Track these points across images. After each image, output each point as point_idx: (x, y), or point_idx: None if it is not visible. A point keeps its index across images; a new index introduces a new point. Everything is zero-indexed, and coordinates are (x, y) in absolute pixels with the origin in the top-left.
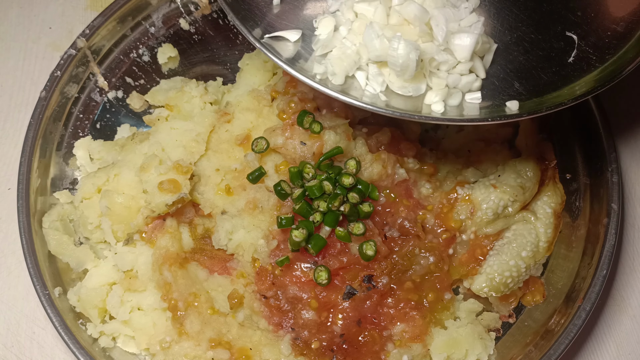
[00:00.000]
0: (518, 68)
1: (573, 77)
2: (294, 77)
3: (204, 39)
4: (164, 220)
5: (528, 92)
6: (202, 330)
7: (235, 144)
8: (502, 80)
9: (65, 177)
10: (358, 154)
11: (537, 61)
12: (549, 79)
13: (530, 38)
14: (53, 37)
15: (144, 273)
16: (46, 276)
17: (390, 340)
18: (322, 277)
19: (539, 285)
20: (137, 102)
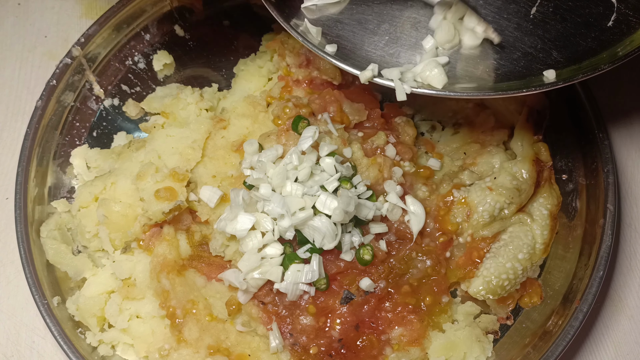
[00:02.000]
0: (556, 37)
1: (613, 41)
2: (288, 83)
3: (199, 45)
4: (161, 227)
5: (566, 60)
6: (201, 337)
7: (231, 150)
8: (540, 50)
9: (63, 185)
10: (354, 159)
11: (575, 28)
12: (587, 45)
13: (567, 6)
14: (49, 45)
15: (142, 281)
16: (45, 285)
17: (389, 345)
18: (320, 283)
19: (537, 287)
20: (133, 110)
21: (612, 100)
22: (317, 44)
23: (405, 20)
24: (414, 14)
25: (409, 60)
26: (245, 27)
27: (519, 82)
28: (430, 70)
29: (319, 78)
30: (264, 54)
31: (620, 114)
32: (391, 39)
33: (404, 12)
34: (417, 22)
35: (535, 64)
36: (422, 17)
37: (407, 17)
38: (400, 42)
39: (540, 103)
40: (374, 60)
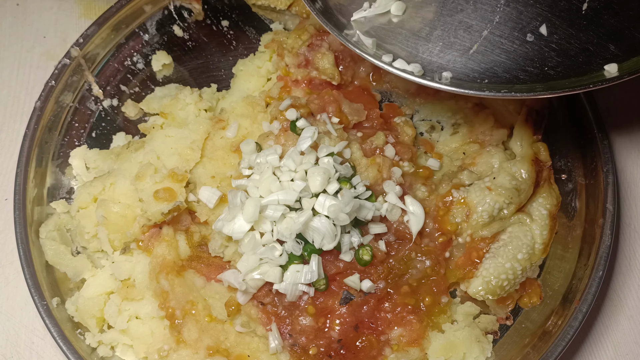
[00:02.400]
0: (610, 31)
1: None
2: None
3: (198, 46)
4: (161, 228)
5: (625, 53)
6: (200, 338)
7: (230, 150)
8: (597, 45)
9: (62, 186)
10: (353, 159)
11: (628, 21)
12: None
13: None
14: (47, 46)
15: (141, 282)
16: (44, 286)
17: (388, 345)
18: (319, 283)
19: (536, 287)
20: (132, 110)
21: (611, 100)
22: (373, 54)
23: (458, 25)
24: (465, 18)
25: (464, 65)
26: (244, 28)
27: (581, 79)
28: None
29: (318, 78)
30: (263, 54)
31: (620, 114)
32: (445, 44)
33: (455, 16)
34: (469, 26)
35: (594, 59)
36: (474, 20)
37: (459, 21)
38: (455, 47)
39: (539, 103)
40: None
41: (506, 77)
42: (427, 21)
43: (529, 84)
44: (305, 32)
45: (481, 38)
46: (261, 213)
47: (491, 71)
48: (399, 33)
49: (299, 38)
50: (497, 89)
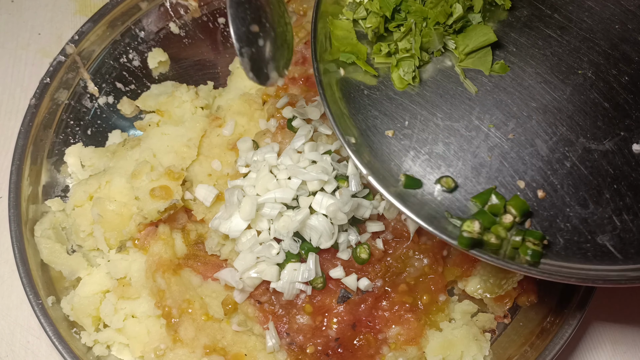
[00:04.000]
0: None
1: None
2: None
3: (194, 43)
4: (157, 226)
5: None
6: (197, 337)
7: (227, 148)
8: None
9: (57, 184)
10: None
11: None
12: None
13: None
14: (42, 43)
15: (137, 280)
16: (39, 285)
17: (386, 344)
18: (317, 281)
19: (534, 285)
20: (128, 108)
21: None
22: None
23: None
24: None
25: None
26: None
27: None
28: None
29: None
30: None
31: None
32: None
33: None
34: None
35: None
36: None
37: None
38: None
39: None
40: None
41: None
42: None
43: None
44: (302, 29)
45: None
46: (258, 211)
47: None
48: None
49: (296, 35)
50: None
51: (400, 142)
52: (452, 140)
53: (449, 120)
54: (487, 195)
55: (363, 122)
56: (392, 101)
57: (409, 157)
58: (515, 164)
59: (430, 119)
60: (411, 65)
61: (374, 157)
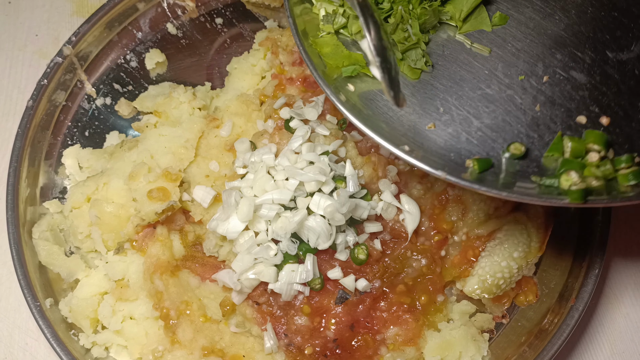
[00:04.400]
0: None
1: None
2: (282, 81)
3: (191, 43)
4: (155, 228)
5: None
6: (195, 339)
7: (224, 149)
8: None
9: (55, 186)
10: (348, 157)
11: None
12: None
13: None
14: (39, 44)
15: (135, 282)
16: (37, 287)
17: (384, 344)
18: (315, 282)
19: (532, 285)
20: (126, 109)
21: None
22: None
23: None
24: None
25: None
26: (238, 25)
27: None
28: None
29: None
30: (257, 52)
31: None
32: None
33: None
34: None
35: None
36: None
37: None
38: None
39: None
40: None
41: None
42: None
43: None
44: None
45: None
46: (256, 212)
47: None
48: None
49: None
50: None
51: (446, 130)
52: (493, 107)
53: (479, 90)
54: (559, 143)
55: (400, 127)
56: (414, 95)
57: (463, 141)
58: (565, 102)
59: (460, 95)
60: (418, 51)
61: (433, 156)
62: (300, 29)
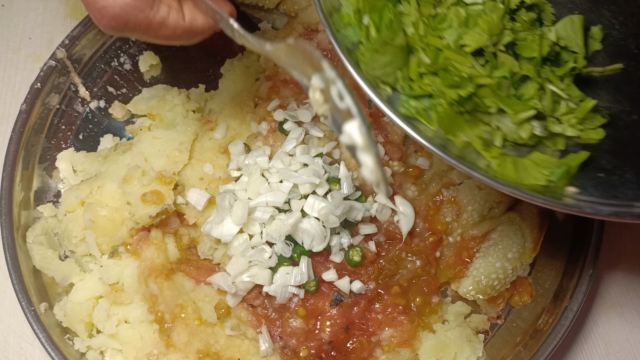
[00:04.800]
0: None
1: None
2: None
3: (185, 46)
4: (149, 231)
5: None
6: (190, 342)
7: (219, 152)
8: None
9: (49, 189)
10: (343, 159)
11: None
12: None
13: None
14: (33, 47)
15: (130, 285)
16: (31, 291)
17: (379, 346)
18: (309, 285)
19: (527, 286)
20: (120, 112)
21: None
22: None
23: None
24: None
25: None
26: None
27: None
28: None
29: None
30: (251, 53)
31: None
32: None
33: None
34: None
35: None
36: None
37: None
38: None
39: None
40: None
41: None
42: None
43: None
44: (294, 31)
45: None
46: (250, 215)
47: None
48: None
49: (287, 37)
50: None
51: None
52: None
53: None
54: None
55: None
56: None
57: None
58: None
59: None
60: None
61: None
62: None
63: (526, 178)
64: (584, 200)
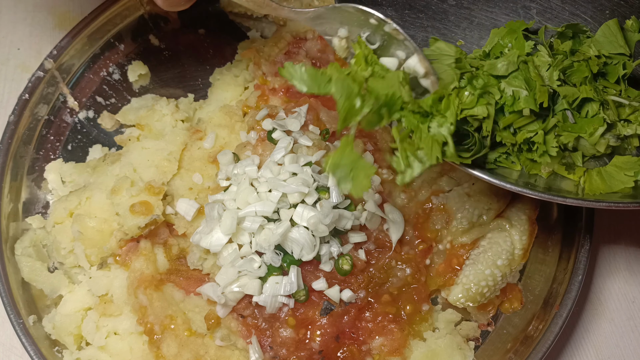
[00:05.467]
0: None
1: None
2: (265, 92)
3: (174, 55)
4: (138, 242)
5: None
6: (180, 353)
7: (208, 161)
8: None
9: (38, 201)
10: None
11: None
12: None
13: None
14: (22, 58)
15: (119, 297)
16: (20, 304)
17: (369, 355)
18: (299, 294)
19: (517, 292)
20: (109, 122)
21: None
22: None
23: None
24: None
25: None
26: (221, 36)
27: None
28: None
29: None
30: (240, 62)
31: None
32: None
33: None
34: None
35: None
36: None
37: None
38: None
39: None
40: None
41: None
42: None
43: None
44: (282, 39)
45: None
46: (239, 225)
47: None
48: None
49: (276, 46)
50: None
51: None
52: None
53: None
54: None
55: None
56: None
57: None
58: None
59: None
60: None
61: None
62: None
63: (615, 184)
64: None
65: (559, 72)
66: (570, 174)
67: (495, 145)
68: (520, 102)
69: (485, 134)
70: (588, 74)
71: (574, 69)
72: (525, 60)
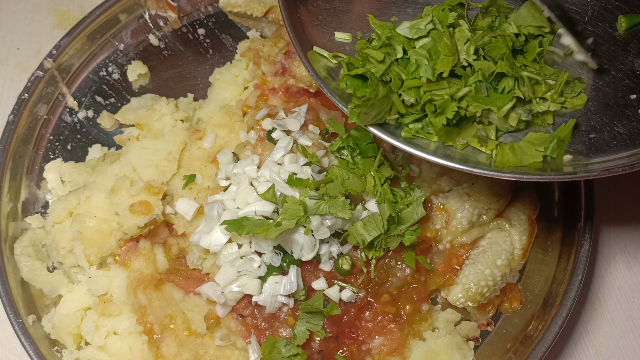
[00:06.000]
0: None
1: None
2: (264, 92)
3: (174, 55)
4: (137, 242)
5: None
6: (179, 353)
7: (207, 161)
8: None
9: (37, 200)
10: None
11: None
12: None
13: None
14: (21, 57)
15: (118, 297)
16: (19, 304)
17: (369, 355)
18: (299, 294)
19: (516, 292)
20: (108, 122)
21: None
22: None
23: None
24: None
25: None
26: (220, 36)
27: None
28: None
29: (295, 86)
30: (240, 62)
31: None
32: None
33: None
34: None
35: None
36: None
37: None
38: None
39: None
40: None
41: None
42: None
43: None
44: (282, 39)
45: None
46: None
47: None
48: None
49: (276, 46)
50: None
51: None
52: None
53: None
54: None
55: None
56: None
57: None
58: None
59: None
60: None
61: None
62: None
63: (525, 159)
64: (579, 164)
65: (475, 46)
66: (483, 146)
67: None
68: (420, 70)
69: (378, 75)
70: (506, 50)
71: (492, 45)
72: (440, 30)
